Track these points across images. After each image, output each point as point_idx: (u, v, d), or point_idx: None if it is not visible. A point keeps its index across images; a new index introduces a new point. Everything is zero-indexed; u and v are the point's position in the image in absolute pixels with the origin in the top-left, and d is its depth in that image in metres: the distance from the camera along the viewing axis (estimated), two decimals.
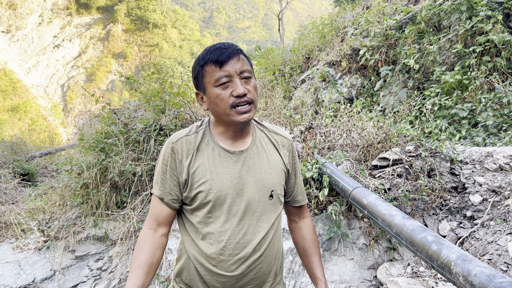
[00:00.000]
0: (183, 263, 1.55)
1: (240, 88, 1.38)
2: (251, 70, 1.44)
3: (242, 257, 1.44)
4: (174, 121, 4.67)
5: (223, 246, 1.43)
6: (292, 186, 1.69)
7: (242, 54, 1.43)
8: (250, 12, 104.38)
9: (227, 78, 1.38)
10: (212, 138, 1.52)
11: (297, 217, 1.77)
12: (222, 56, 1.38)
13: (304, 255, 1.71)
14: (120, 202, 4.62)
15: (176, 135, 1.52)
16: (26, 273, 4.48)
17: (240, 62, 1.40)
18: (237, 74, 1.39)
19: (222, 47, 1.40)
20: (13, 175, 8.63)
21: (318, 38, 9.04)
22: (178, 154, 1.47)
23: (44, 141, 14.49)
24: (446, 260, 1.77)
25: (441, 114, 4.83)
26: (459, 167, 3.47)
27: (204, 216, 1.45)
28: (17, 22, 46.70)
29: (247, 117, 1.41)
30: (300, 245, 1.73)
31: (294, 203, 1.72)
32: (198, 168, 1.45)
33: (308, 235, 1.72)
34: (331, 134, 4.16)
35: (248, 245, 1.45)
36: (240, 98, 1.39)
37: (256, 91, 1.45)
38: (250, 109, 1.42)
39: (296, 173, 1.70)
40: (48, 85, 49.03)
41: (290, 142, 1.67)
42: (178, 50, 62.01)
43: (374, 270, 3.15)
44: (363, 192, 2.71)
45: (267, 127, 1.66)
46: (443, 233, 3.24)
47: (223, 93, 1.39)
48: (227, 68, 1.38)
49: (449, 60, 5.44)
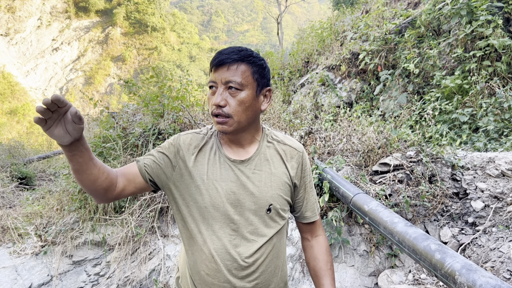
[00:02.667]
0: (181, 272, 1.54)
1: (217, 97, 1.32)
2: (242, 82, 1.33)
3: (234, 269, 1.39)
4: (173, 125, 4.63)
5: (215, 255, 1.39)
6: (300, 201, 1.59)
7: (240, 63, 1.34)
8: (249, 16, 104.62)
9: (213, 83, 1.35)
10: (217, 142, 1.48)
11: (309, 234, 1.66)
12: (214, 61, 1.34)
13: (315, 276, 1.60)
14: (118, 207, 4.58)
15: (187, 131, 1.52)
16: (23, 279, 4.43)
17: (230, 71, 1.32)
18: (222, 83, 1.33)
19: (222, 52, 1.35)
20: (10, 178, 8.57)
21: (317, 42, 9.03)
22: (180, 147, 1.44)
23: (42, 145, 14.42)
24: (450, 270, 1.74)
25: (442, 119, 4.81)
26: (461, 172, 3.44)
27: (197, 224, 1.41)
28: (16, 25, 46.69)
29: (221, 129, 1.36)
30: (311, 265, 1.62)
31: (303, 219, 1.62)
32: (196, 170, 1.42)
33: (320, 255, 1.60)
34: (331, 139, 4.13)
35: (239, 257, 1.39)
36: (216, 108, 1.33)
37: (242, 106, 1.34)
38: (225, 121, 1.35)
39: (306, 187, 1.59)
40: (47, 88, 48.96)
41: (301, 154, 1.56)
42: (177, 54, 62.07)
43: (375, 277, 3.12)
44: (364, 198, 2.68)
45: (277, 137, 1.57)
46: (444, 239, 3.21)
47: (210, 98, 1.37)
48: (216, 74, 1.34)
49: (449, 64, 5.43)
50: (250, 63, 1.35)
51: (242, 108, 1.34)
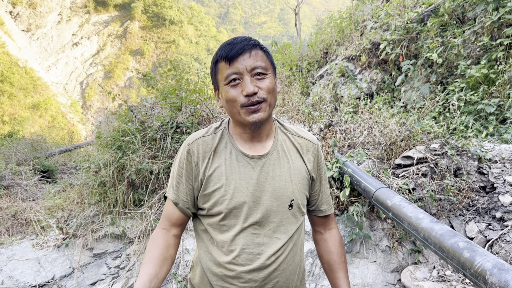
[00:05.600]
0: (197, 272, 1.48)
1: (249, 86, 1.25)
2: (265, 66, 1.30)
3: (256, 269, 1.34)
4: (190, 118, 4.61)
5: (235, 256, 1.33)
6: (316, 194, 1.56)
7: (257, 48, 1.30)
8: (266, 7, 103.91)
9: (236, 75, 1.27)
10: (231, 140, 1.41)
11: (322, 228, 1.64)
12: (231, 51, 1.27)
13: (329, 270, 1.58)
14: (137, 200, 4.60)
15: (193, 136, 1.43)
16: (45, 271, 4.51)
17: (252, 58, 1.28)
18: (248, 71, 1.27)
19: (233, 42, 1.29)
20: (33, 172, 8.75)
21: (336, 32, 8.86)
22: (194, 156, 1.37)
23: (63, 138, 14.69)
24: (480, 269, 1.65)
25: (467, 110, 4.65)
26: (488, 165, 3.31)
27: (217, 223, 1.36)
28: (37, 20, 47.54)
29: (257, 117, 1.29)
30: (325, 259, 1.60)
31: (319, 213, 1.60)
32: (214, 172, 1.36)
33: (334, 249, 1.59)
34: (352, 132, 4.03)
35: (262, 256, 1.34)
36: (250, 97, 1.27)
37: (271, 90, 1.31)
38: (260, 108, 1.29)
39: (322, 180, 1.56)
40: (68, 82, 49.83)
41: (316, 146, 1.53)
42: (194, 47, 62.19)
43: (398, 273, 3.03)
44: (387, 193, 2.59)
45: (291, 130, 1.53)
46: (470, 235, 3.09)
47: (233, 92, 1.28)
48: (237, 64, 1.27)
49: (475, 53, 5.23)
50: (262, 48, 1.33)
51: (271, 91, 1.31)
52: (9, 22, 43.55)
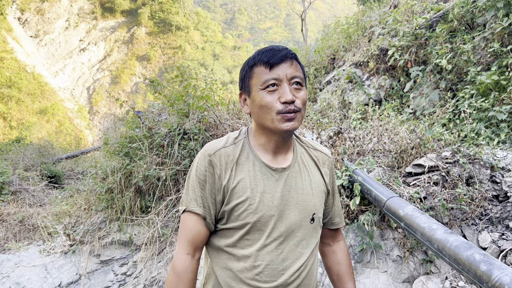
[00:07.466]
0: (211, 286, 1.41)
1: (288, 94, 1.25)
2: (303, 78, 1.31)
3: (279, 285, 1.30)
4: (198, 125, 4.59)
5: (259, 272, 1.29)
6: (330, 207, 1.56)
7: (296, 60, 1.30)
8: (272, 13, 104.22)
9: (275, 81, 1.26)
10: (252, 151, 1.37)
11: (331, 240, 1.63)
12: (274, 58, 1.26)
13: (338, 282, 1.58)
14: (144, 207, 4.58)
15: (212, 146, 1.36)
16: (52, 277, 4.50)
17: (292, 67, 1.28)
18: (288, 79, 1.26)
19: (275, 49, 1.29)
20: (40, 177, 8.78)
21: (344, 38, 8.84)
22: (217, 168, 1.31)
23: (70, 144, 14.75)
24: (498, 283, 1.60)
25: (477, 117, 4.59)
26: (501, 174, 3.26)
27: (241, 237, 1.31)
28: (45, 27, 48.02)
29: (292, 125, 1.27)
30: (334, 270, 1.59)
31: (331, 226, 1.59)
32: (238, 184, 1.31)
33: (343, 260, 1.59)
34: (361, 139, 3.99)
35: (286, 272, 1.31)
36: (288, 105, 1.25)
37: (305, 102, 1.31)
38: (295, 117, 1.27)
39: (334, 192, 1.56)
40: (75, 87, 50.19)
41: (331, 159, 1.54)
42: (200, 52, 62.46)
43: (410, 283, 2.98)
44: (398, 202, 2.54)
45: (306, 142, 1.52)
46: (483, 245, 3.03)
47: (269, 98, 1.26)
48: (277, 71, 1.26)
49: (485, 59, 5.18)
50: (298, 60, 1.33)
51: (305, 104, 1.31)
52: (17, 28, 44.02)
